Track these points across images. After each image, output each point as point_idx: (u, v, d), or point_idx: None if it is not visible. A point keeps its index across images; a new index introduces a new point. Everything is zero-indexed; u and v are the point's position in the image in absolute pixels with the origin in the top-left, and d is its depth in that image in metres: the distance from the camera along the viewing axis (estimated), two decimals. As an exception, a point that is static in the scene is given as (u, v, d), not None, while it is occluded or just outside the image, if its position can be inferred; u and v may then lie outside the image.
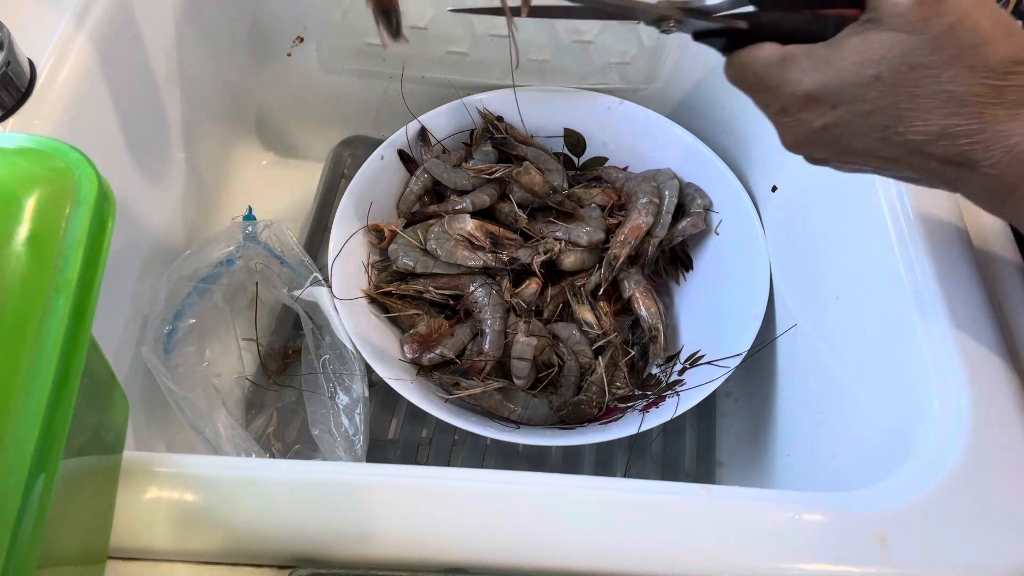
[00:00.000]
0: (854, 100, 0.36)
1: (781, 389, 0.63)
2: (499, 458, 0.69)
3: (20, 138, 0.27)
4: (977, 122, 0.34)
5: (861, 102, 0.36)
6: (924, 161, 0.36)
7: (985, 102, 0.34)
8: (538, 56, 0.77)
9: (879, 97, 0.35)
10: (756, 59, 0.38)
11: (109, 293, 0.60)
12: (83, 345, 0.25)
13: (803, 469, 0.57)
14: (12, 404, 0.23)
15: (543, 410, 0.65)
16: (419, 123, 0.74)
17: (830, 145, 0.38)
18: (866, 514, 0.38)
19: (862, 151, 0.37)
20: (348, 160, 0.85)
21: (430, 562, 0.37)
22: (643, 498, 0.39)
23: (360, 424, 0.62)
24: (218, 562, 0.37)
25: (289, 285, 0.69)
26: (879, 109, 0.35)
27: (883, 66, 0.35)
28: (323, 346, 0.65)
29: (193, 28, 0.71)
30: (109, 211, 0.27)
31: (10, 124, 0.52)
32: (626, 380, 0.68)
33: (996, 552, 0.37)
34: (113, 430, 0.37)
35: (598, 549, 0.37)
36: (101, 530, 0.36)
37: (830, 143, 0.38)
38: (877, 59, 0.35)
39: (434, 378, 0.66)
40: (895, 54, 0.35)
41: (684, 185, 0.74)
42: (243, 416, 0.69)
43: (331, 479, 0.39)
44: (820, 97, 0.37)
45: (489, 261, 0.68)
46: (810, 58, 0.37)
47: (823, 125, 0.37)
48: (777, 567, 0.36)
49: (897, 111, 0.35)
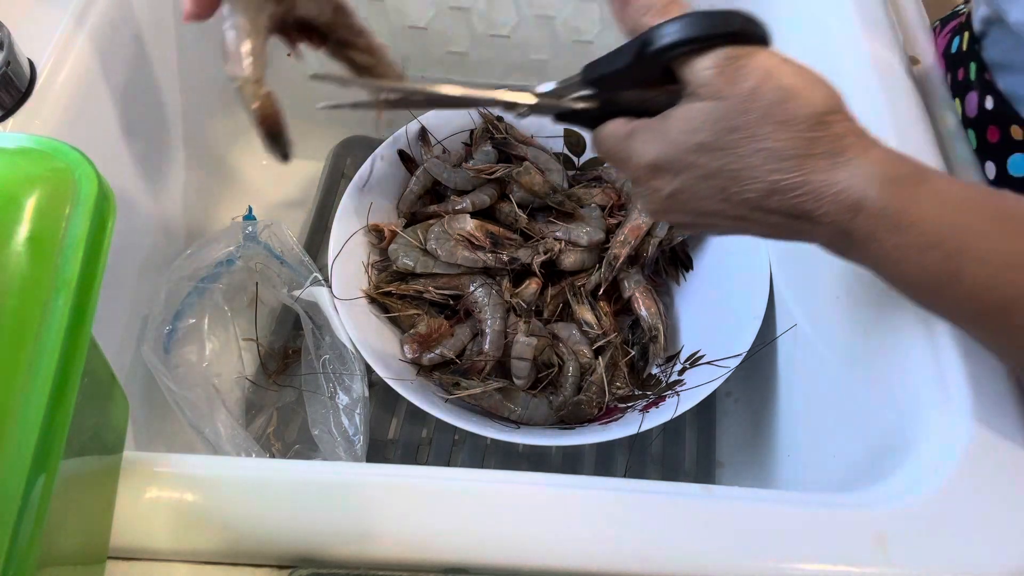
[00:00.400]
0: (690, 166, 0.38)
1: (781, 389, 0.63)
2: (499, 458, 0.69)
3: (20, 138, 0.28)
4: (799, 175, 0.35)
5: (696, 167, 0.37)
6: (767, 216, 0.37)
7: (803, 154, 0.35)
8: (538, 56, 0.77)
9: (710, 161, 0.37)
10: (608, 135, 0.41)
11: (109, 293, 0.60)
12: (83, 345, 0.25)
13: (803, 469, 0.57)
14: (12, 404, 0.23)
15: (543, 410, 0.65)
16: (419, 123, 0.74)
17: (683, 210, 0.40)
18: (866, 514, 0.38)
19: (713, 212, 0.39)
20: (348, 160, 0.85)
21: (430, 562, 0.37)
22: (643, 498, 0.39)
23: (360, 424, 0.62)
24: (218, 562, 0.37)
25: (289, 285, 0.69)
26: (713, 172, 0.37)
27: (704, 133, 0.37)
28: (323, 346, 0.65)
29: (193, 28, 0.71)
30: (109, 211, 0.27)
31: (10, 124, 0.52)
32: (626, 380, 0.68)
33: (996, 552, 0.37)
34: (113, 430, 0.37)
35: (598, 549, 0.37)
36: (101, 530, 0.36)
37: (682, 208, 0.40)
38: (698, 127, 0.37)
39: (434, 378, 0.66)
40: (712, 120, 0.36)
41: (684, 185, 0.74)
42: (243, 416, 0.69)
43: (331, 479, 0.39)
44: (662, 166, 0.39)
45: (489, 261, 0.68)
46: (649, 131, 0.39)
47: (671, 192, 0.39)
48: (777, 567, 0.36)
49: (729, 172, 0.37)
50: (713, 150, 0.37)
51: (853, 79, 0.57)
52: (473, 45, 0.76)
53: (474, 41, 0.76)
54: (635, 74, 0.39)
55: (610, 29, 0.75)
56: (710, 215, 0.39)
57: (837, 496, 0.40)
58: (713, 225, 0.40)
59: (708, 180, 0.38)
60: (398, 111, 0.41)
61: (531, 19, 0.74)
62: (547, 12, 0.74)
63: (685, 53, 0.36)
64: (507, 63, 0.78)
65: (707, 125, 0.36)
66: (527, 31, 0.75)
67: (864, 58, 0.58)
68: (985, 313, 0.35)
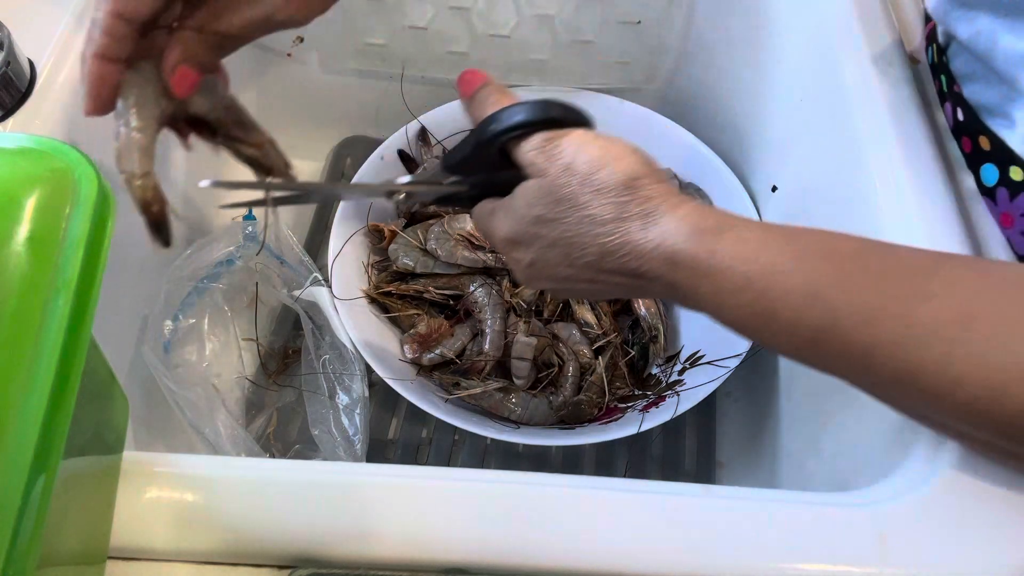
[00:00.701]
0: (536, 238, 0.41)
1: (781, 389, 0.63)
2: (499, 458, 0.69)
3: (20, 138, 0.27)
4: (619, 237, 0.38)
5: (541, 238, 0.41)
6: (611, 277, 0.40)
7: (618, 218, 0.38)
8: (538, 56, 0.77)
9: (549, 232, 0.40)
10: (477, 215, 0.46)
11: (109, 293, 0.60)
12: (83, 345, 0.25)
13: (803, 469, 0.57)
14: (12, 404, 0.23)
15: (543, 410, 0.65)
16: (419, 123, 0.74)
17: (542, 277, 0.43)
18: (866, 514, 0.38)
19: (568, 278, 0.42)
20: (348, 160, 0.85)
21: (430, 562, 0.37)
22: (643, 498, 0.39)
23: (360, 424, 0.62)
24: (218, 562, 0.37)
25: (289, 285, 0.69)
26: (554, 241, 0.41)
27: (538, 207, 0.40)
28: (323, 346, 0.65)
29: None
30: (109, 211, 0.27)
31: (10, 124, 0.52)
32: (626, 380, 0.68)
33: (996, 552, 0.37)
34: (113, 430, 0.37)
35: (598, 549, 0.37)
36: (101, 530, 0.36)
37: (541, 276, 0.43)
38: (533, 202, 0.41)
39: (434, 378, 0.66)
40: (541, 195, 0.40)
41: (684, 185, 0.74)
42: (243, 416, 0.69)
43: (331, 479, 0.39)
44: (515, 240, 0.43)
45: (489, 261, 0.68)
46: (503, 209, 0.43)
47: (528, 262, 0.43)
48: (777, 567, 0.36)
49: (566, 240, 0.40)
50: (548, 221, 0.40)
51: (853, 79, 0.57)
52: (473, 45, 0.76)
53: (474, 41, 0.76)
54: (480, 159, 0.43)
55: (610, 29, 0.75)
56: (567, 280, 0.42)
57: (837, 496, 0.40)
58: (576, 290, 0.43)
59: (553, 249, 0.41)
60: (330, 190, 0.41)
61: (531, 19, 0.74)
62: (547, 12, 0.74)
63: (513, 138, 0.41)
64: (507, 63, 0.78)
65: (539, 199, 0.40)
66: (527, 31, 0.75)
67: (864, 58, 0.58)
68: (803, 347, 0.36)
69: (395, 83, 0.79)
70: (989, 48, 0.48)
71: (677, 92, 0.79)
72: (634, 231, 0.38)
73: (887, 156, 0.52)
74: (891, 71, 0.57)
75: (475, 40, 0.76)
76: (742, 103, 0.74)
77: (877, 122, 0.54)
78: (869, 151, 0.53)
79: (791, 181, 0.66)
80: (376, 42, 0.77)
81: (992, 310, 0.32)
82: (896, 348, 0.33)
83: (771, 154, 0.69)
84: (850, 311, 0.34)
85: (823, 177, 0.60)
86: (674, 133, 0.75)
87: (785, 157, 0.67)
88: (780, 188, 0.67)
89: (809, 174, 0.63)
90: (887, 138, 0.53)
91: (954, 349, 0.32)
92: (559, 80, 0.77)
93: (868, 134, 0.54)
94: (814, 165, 0.62)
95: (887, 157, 0.52)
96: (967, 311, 0.33)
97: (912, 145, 0.52)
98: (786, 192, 0.67)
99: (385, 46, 0.78)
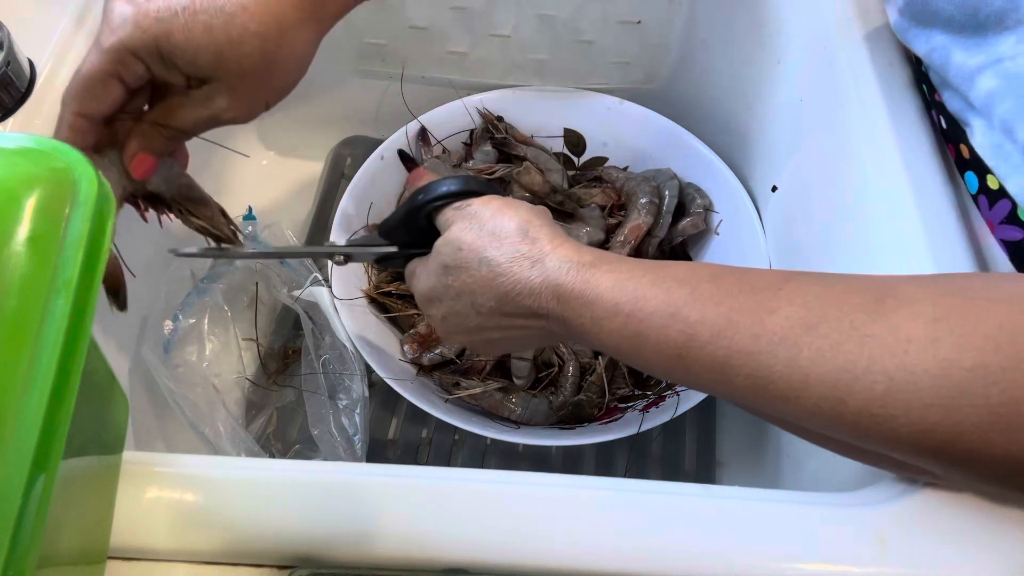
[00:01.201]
0: (445, 288, 0.46)
1: (781, 389, 0.62)
2: (499, 458, 0.69)
3: (20, 138, 0.27)
4: (512, 277, 0.43)
5: (449, 288, 0.45)
6: (515, 320, 0.44)
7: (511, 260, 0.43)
8: (538, 56, 0.77)
9: (453, 280, 0.45)
10: (407, 273, 0.51)
11: (109, 293, 0.60)
12: (83, 345, 0.25)
13: (803, 469, 0.57)
14: (12, 404, 0.23)
15: (543, 410, 0.65)
16: (419, 123, 0.74)
17: (457, 330, 0.47)
18: (866, 514, 0.38)
19: (478, 327, 0.46)
20: (348, 160, 0.85)
21: (430, 562, 0.37)
22: (644, 498, 0.39)
23: (360, 424, 0.62)
24: (218, 562, 0.37)
25: (289, 285, 0.69)
26: (460, 289, 0.45)
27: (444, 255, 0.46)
28: (323, 346, 0.65)
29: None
30: (109, 211, 0.27)
31: (10, 124, 0.52)
32: (626, 380, 0.68)
33: (996, 552, 0.37)
34: (113, 430, 0.37)
35: (598, 549, 0.37)
36: (101, 530, 0.36)
37: (456, 329, 0.47)
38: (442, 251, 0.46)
39: (434, 378, 0.66)
40: (448, 243, 0.45)
41: (684, 185, 0.74)
42: (243, 416, 0.69)
43: (331, 479, 0.39)
44: (430, 296, 0.47)
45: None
46: (422, 265, 0.49)
47: (442, 315, 0.47)
48: (777, 567, 0.36)
49: (469, 286, 0.44)
50: (452, 268, 0.45)
51: (852, 79, 0.57)
52: (473, 45, 0.76)
53: (474, 41, 0.76)
54: (410, 225, 0.49)
55: (610, 29, 0.75)
56: (479, 330, 0.46)
57: (837, 496, 0.40)
58: (491, 340, 0.47)
59: (460, 298, 0.45)
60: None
61: (531, 19, 0.74)
62: (547, 12, 0.74)
63: (437, 207, 0.47)
64: (507, 63, 0.78)
65: (445, 248, 0.45)
66: (527, 31, 0.75)
67: (863, 58, 0.58)
68: (672, 365, 0.38)
69: (395, 83, 0.79)
70: (943, 64, 0.49)
71: (677, 92, 0.79)
72: (524, 270, 0.42)
73: (887, 156, 0.52)
74: (891, 71, 0.57)
75: (475, 40, 0.76)
76: (742, 103, 0.74)
77: (877, 122, 0.54)
78: (869, 151, 0.53)
79: (791, 181, 0.66)
80: (376, 42, 0.77)
81: (834, 315, 0.34)
82: (748, 357, 0.35)
83: (771, 154, 0.69)
84: (703, 327, 0.37)
85: (823, 177, 0.60)
86: (674, 133, 0.75)
87: (785, 157, 0.67)
88: (780, 188, 0.67)
89: (809, 174, 0.63)
90: (887, 138, 0.53)
91: (799, 353, 0.34)
92: (559, 80, 0.77)
93: (868, 134, 0.54)
94: (814, 165, 0.62)
95: (887, 157, 0.52)
96: (810, 318, 0.34)
97: (912, 146, 0.52)
98: (786, 192, 0.67)
99: (385, 46, 0.78)
